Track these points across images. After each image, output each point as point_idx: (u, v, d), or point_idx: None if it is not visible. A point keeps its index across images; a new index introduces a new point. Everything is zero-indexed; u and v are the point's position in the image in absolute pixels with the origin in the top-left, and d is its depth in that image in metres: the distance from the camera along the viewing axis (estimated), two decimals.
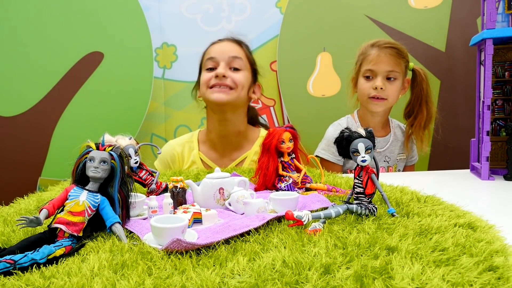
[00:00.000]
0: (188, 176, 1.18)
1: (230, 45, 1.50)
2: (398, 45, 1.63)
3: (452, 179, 1.24)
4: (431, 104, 1.63)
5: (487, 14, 1.14)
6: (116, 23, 2.03)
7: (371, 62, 1.59)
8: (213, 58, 1.47)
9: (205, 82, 1.47)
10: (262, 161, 0.98)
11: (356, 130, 0.77)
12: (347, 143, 0.77)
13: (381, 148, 1.65)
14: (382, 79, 1.58)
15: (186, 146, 1.53)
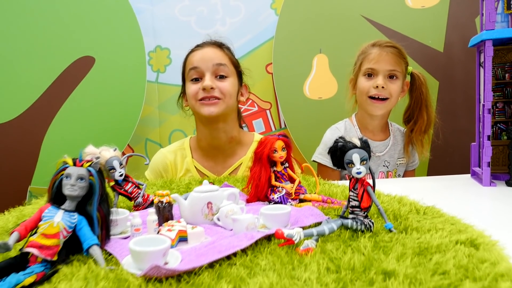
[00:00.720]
0: (179, 186, 1.14)
1: (212, 51, 1.42)
2: (399, 45, 1.60)
3: (452, 186, 1.20)
4: (430, 109, 1.59)
5: (486, 15, 1.10)
6: (108, 27, 1.99)
7: (372, 60, 1.55)
8: (196, 68, 1.39)
9: (192, 96, 1.40)
10: (254, 171, 0.94)
11: (351, 139, 0.72)
12: (341, 154, 0.72)
13: (380, 152, 1.61)
14: (383, 78, 1.54)
15: (178, 154, 1.48)
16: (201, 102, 1.38)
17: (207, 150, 1.47)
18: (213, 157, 1.46)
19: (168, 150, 1.50)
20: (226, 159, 1.46)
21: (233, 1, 2.18)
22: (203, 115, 1.37)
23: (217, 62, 1.39)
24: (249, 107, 2.24)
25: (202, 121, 1.42)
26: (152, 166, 1.50)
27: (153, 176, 1.46)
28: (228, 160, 1.46)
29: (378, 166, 1.61)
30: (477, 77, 1.24)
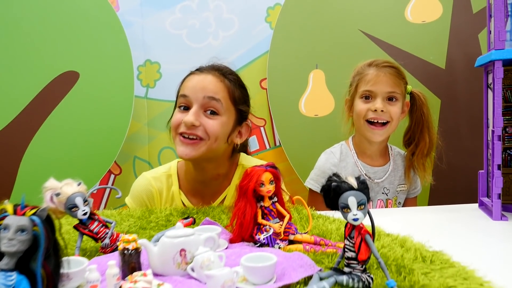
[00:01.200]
0: (158, 218, 1.04)
1: (210, 80, 1.18)
2: (397, 64, 1.50)
3: (459, 219, 1.09)
4: (432, 130, 1.49)
5: (495, 33, 1.01)
6: (94, 41, 1.90)
7: (369, 82, 1.44)
8: (186, 96, 1.17)
9: (174, 126, 1.19)
10: (238, 206, 0.84)
11: (346, 179, 0.62)
12: (335, 195, 0.62)
13: (379, 179, 1.50)
14: (382, 100, 1.43)
15: (164, 181, 1.28)
16: (180, 138, 1.17)
17: (193, 185, 1.29)
18: (200, 192, 1.28)
19: (153, 176, 1.29)
20: (214, 196, 1.27)
21: (226, 14, 2.10)
22: (178, 154, 1.16)
23: (209, 94, 1.15)
24: None
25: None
26: (134, 193, 1.29)
27: (136, 205, 1.28)
28: (216, 196, 1.28)
29: (376, 194, 1.50)
30: (485, 99, 1.15)
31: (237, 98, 1.22)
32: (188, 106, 1.18)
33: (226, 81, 1.20)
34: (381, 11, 1.97)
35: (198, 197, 1.27)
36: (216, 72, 1.21)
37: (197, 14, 2.08)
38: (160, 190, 1.27)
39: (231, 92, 1.20)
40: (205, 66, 1.24)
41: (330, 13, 2.00)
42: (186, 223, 0.91)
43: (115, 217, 1.06)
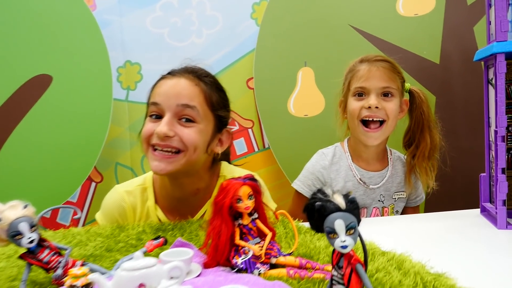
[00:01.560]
0: (128, 237, 0.93)
1: (183, 85, 1.06)
2: (391, 59, 1.40)
3: (460, 228, 1.00)
4: (434, 130, 1.39)
5: (496, 23, 0.92)
6: (67, 42, 1.79)
7: (362, 78, 1.34)
8: (157, 104, 1.05)
9: (145, 138, 1.05)
10: (213, 225, 0.74)
11: (333, 197, 0.52)
12: (320, 217, 0.52)
13: (375, 184, 1.41)
14: (376, 97, 1.32)
15: (138, 196, 1.16)
16: (153, 151, 1.04)
17: (169, 201, 1.16)
18: (178, 208, 1.15)
19: (126, 190, 1.16)
20: (193, 212, 1.15)
21: (210, 10, 2.00)
22: (151, 169, 1.04)
23: (183, 102, 1.03)
24: (229, 126, 2.04)
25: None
26: (105, 209, 1.17)
27: (107, 222, 1.15)
28: (196, 212, 1.15)
29: (372, 201, 1.41)
30: (485, 96, 1.05)
31: (215, 103, 1.10)
32: (160, 114, 1.05)
33: (202, 84, 1.08)
34: (372, 5, 1.88)
35: (175, 213, 1.15)
36: (190, 75, 1.09)
37: (179, 12, 1.98)
38: (133, 206, 1.15)
39: (207, 97, 1.08)
40: (177, 69, 1.12)
41: (318, 8, 1.91)
42: (156, 244, 0.81)
43: (82, 236, 0.96)
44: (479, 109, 1.74)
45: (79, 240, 0.94)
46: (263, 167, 2.05)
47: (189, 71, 1.10)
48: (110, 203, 1.17)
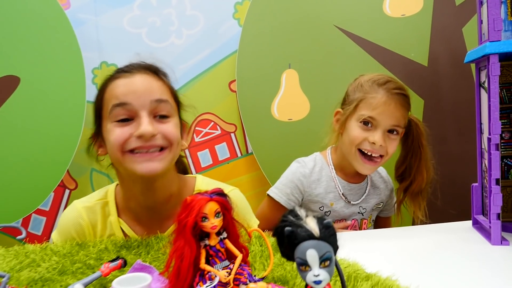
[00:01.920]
0: (88, 256, 0.84)
1: (150, 80, 0.98)
2: (407, 91, 1.29)
3: (451, 243, 0.93)
4: (429, 164, 1.30)
5: (488, 22, 0.84)
6: (36, 41, 1.69)
7: (376, 109, 1.22)
8: (125, 104, 0.94)
9: (118, 145, 0.94)
10: (175, 246, 0.65)
11: (305, 221, 0.44)
12: (290, 245, 0.44)
13: (355, 200, 1.34)
14: (383, 134, 1.23)
15: (99, 211, 1.06)
16: (133, 155, 0.95)
17: (137, 213, 1.07)
18: (146, 220, 1.06)
19: (84, 205, 1.07)
20: (163, 222, 1.05)
21: (190, 10, 1.92)
22: (139, 173, 0.94)
23: (156, 97, 0.96)
24: (211, 130, 1.97)
25: (132, 179, 1.00)
26: (61, 227, 1.07)
27: (63, 241, 1.02)
28: (166, 223, 1.05)
29: (351, 214, 1.34)
30: (477, 100, 0.98)
31: (176, 95, 1.05)
32: (131, 116, 0.95)
33: (163, 78, 1.02)
34: (358, 5, 1.82)
35: (144, 226, 1.06)
36: (147, 70, 1.01)
37: (158, 11, 1.90)
38: (93, 223, 1.05)
39: (172, 90, 1.03)
40: (130, 66, 1.03)
41: (303, 8, 1.84)
42: (114, 267, 0.72)
43: (36, 255, 0.86)
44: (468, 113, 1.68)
45: (32, 260, 0.84)
46: (246, 173, 1.97)
47: (143, 67, 1.03)
48: (67, 221, 1.06)
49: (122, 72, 1.01)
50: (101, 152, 1.03)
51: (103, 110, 0.98)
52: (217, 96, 1.94)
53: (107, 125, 0.97)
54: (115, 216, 1.05)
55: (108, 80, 1.01)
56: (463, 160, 1.54)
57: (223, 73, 1.92)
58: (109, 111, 0.95)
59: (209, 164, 1.95)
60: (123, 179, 1.03)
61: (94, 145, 1.04)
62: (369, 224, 1.37)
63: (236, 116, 1.94)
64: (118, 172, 1.04)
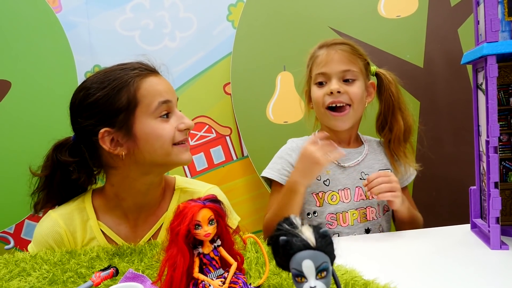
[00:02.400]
0: (80, 264, 0.82)
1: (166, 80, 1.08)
2: (351, 42, 1.33)
3: (450, 247, 0.91)
4: (406, 112, 1.31)
5: (486, 22, 0.83)
6: (28, 45, 1.67)
7: (321, 63, 1.28)
8: (169, 102, 1.03)
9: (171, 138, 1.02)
10: (168, 255, 0.63)
11: (301, 231, 0.43)
12: (285, 255, 0.42)
13: (353, 160, 1.31)
14: (337, 81, 1.26)
15: (76, 217, 1.06)
16: (179, 147, 1.04)
17: (126, 212, 1.08)
18: (132, 219, 1.08)
19: (60, 213, 1.07)
20: (147, 219, 1.09)
21: (184, 12, 1.90)
22: (184, 161, 1.06)
23: (177, 96, 1.08)
24: (206, 133, 1.95)
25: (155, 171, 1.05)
26: (37, 238, 1.05)
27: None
28: (150, 220, 1.09)
29: (353, 180, 1.29)
30: (474, 102, 0.97)
31: None
32: (169, 112, 1.04)
33: None
34: (352, 6, 1.80)
35: (129, 224, 1.08)
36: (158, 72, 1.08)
37: (151, 13, 1.88)
38: (71, 230, 1.05)
39: None
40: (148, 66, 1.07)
41: (297, 9, 1.82)
42: (105, 276, 0.70)
43: (26, 264, 0.84)
44: (464, 114, 1.67)
45: (22, 269, 0.82)
46: (242, 177, 1.96)
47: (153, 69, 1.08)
48: (43, 231, 1.05)
49: (148, 70, 1.04)
50: (119, 151, 1.00)
51: (140, 105, 0.99)
52: (212, 99, 1.93)
53: (147, 120, 0.99)
54: (94, 219, 1.06)
55: (135, 76, 1.01)
56: (459, 161, 1.54)
57: (217, 76, 1.91)
58: (155, 107, 0.99)
59: (204, 167, 1.93)
60: (130, 178, 1.04)
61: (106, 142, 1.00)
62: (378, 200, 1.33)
63: (231, 119, 1.92)
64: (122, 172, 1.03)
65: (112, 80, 1.01)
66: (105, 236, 1.05)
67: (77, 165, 1.04)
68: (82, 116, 1.01)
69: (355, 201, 1.27)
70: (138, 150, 1.00)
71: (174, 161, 1.03)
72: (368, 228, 1.27)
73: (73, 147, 1.07)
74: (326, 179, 1.30)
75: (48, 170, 1.08)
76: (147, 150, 0.99)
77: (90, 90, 1.01)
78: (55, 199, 1.10)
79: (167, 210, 1.11)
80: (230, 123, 1.94)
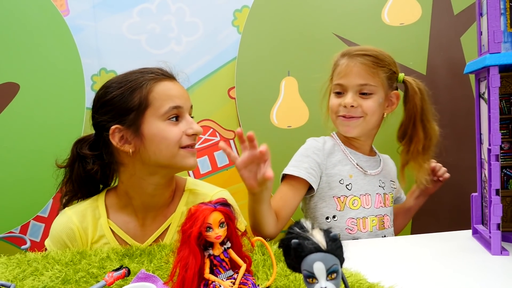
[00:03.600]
0: (90, 265, 0.84)
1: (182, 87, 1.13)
2: (376, 51, 1.32)
3: (451, 253, 0.93)
4: (429, 124, 1.30)
5: (489, 34, 0.86)
6: (36, 48, 1.69)
7: (340, 74, 1.30)
8: (180, 107, 1.08)
9: (177, 141, 1.06)
10: (180, 256, 0.65)
11: (312, 234, 0.45)
12: (297, 257, 0.45)
13: (373, 169, 1.33)
14: (353, 95, 1.27)
15: (89, 214, 1.12)
16: (186, 151, 1.08)
17: (134, 209, 1.13)
18: (140, 218, 1.13)
19: (74, 211, 1.13)
20: (156, 218, 1.13)
21: (190, 17, 1.93)
22: (189, 166, 1.10)
23: (191, 103, 1.14)
24: (210, 137, 1.97)
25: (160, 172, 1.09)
26: (53, 234, 1.12)
27: (56, 248, 1.09)
28: (158, 219, 1.13)
29: (374, 187, 1.31)
30: (477, 111, 0.99)
31: None
32: (179, 115, 1.09)
33: None
34: (357, 13, 1.83)
35: (135, 224, 1.13)
36: (174, 79, 1.14)
37: (157, 18, 1.90)
38: (84, 226, 1.11)
39: None
40: (165, 71, 1.14)
41: (302, 15, 1.85)
42: (118, 276, 0.73)
43: (38, 264, 0.86)
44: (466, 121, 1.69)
45: (35, 269, 0.84)
46: None
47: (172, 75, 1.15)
48: (58, 227, 1.12)
49: (164, 76, 1.11)
50: (126, 148, 1.06)
51: (150, 107, 1.05)
52: (216, 103, 1.94)
53: (155, 122, 1.05)
54: (105, 218, 1.11)
55: (150, 79, 1.08)
56: (459, 167, 1.55)
57: (222, 80, 1.92)
58: (165, 110, 1.05)
59: (208, 170, 1.95)
60: (137, 177, 1.09)
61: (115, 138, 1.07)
62: (391, 203, 1.35)
63: (235, 123, 1.94)
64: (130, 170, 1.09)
65: (129, 81, 1.07)
66: (114, 234, 1.10)
67: (93, 157, 1.11)
68: (98, 112, 1.09)
69: (375, 208, 1.29)
70: (144, 149, 1.06)
71: (179, 164, 1.07)
72: (384, 235, 1.29)
73: (93, 143, 1.14)
74: (349, 183, 1.30)
75: (69, 163, 1.17)
76: (152, 150, 1.05)
77: (109, 88, 1.09)
78: (77, 193, 1.17)
79: (175, 211, 1.15)
80: (234, 127, 1.95)
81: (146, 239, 1.11)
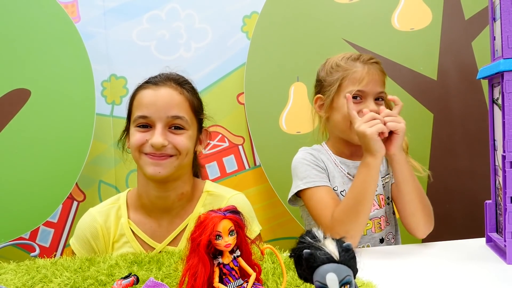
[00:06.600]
0: (99, 272, 0.83)
1: (170, 95, 1.09)
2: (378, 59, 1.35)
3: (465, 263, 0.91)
4: None
5: (502, 39, 0.84)
6: (46, 54, 1.70)
7: (362, 81, 1.24)
8: (146, 117, 1.08)
9: (136, 146, 1.09)
10: (189, 264, 0.65)
11: (324, 244, 0.44)
12: (309, 268, 0.44)
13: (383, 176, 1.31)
14: (373, 103, 1.25)
15: (112, 214, 1.17)
16: (146, 157, 1.09)
17: (149, 210, 1.17)
18: (156, 219, 1.16)
19: (98, 210, 1.19)
20: (173, 220, 1.16)
21: (199, 23, 1.93)
22: (148, 175, 1.09)
23: (173, 114, 1.08)
24: (219, 142, 1.97)
25: (147, 176, 1.11)
26: (78, 232, 1.17)
27: (80, 246, 1.15)
28: (175, 221, 1.16)
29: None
30: (490, 116, 0.98)
31: (197, 108, 1.16)
32: (149, 124, 1.09)
33: (185, 92, 1.13)
34: (366, 19, 1.82)
35: (153, 225, 1.16)
36: (172, 83, 1.13)
37: (167, 24, 1.91)
38: (107, 225, 1.16)
39: (191, 104, 1.14)
40: (157, 78, 1.15)
41: (311, 21, 1.84)
42: (126, 284, 0.72)
43: (47, 270, 0.86)
44: (478, 127, 1.67)
45: (44, 275, 0.84)
46: (254, 186, 1.97)
47: (170, 78, 1.14)
48: (83, 226, 1.17)
49: (150, 83, 1.13)
50: (129, 146, 1.15)
51: (131, 114, 1.13)
52: (225, 109, 1.95)
53: (131, 127, 1.12)
54: (126, 218, 1.16)
55: (138, 88, 1.14)
56: (472, 173, 1.53)
57: (231, 86, 1.93)
58: (134, 118, 1.10)
59: (217, 176, 1.94)
60: (141, 175, 1.15)
61: (125, 138, 1.19)
62: (385, 201, 1.32)
63: (244, 128, 1.94)
64: (139, 170, 1.16)
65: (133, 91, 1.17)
66: (133, 233, 1.14)
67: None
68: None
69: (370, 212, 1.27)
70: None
71: (142, 169, 1.11)
72: (382, 237, 1.27)
73: None
74: (343, 189, 1.30)
75: None
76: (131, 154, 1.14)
77: None
78: None
79: (192, 212, 1.17)
80: (243, 132, 1.95)
81: (163, 240, 1.14)
